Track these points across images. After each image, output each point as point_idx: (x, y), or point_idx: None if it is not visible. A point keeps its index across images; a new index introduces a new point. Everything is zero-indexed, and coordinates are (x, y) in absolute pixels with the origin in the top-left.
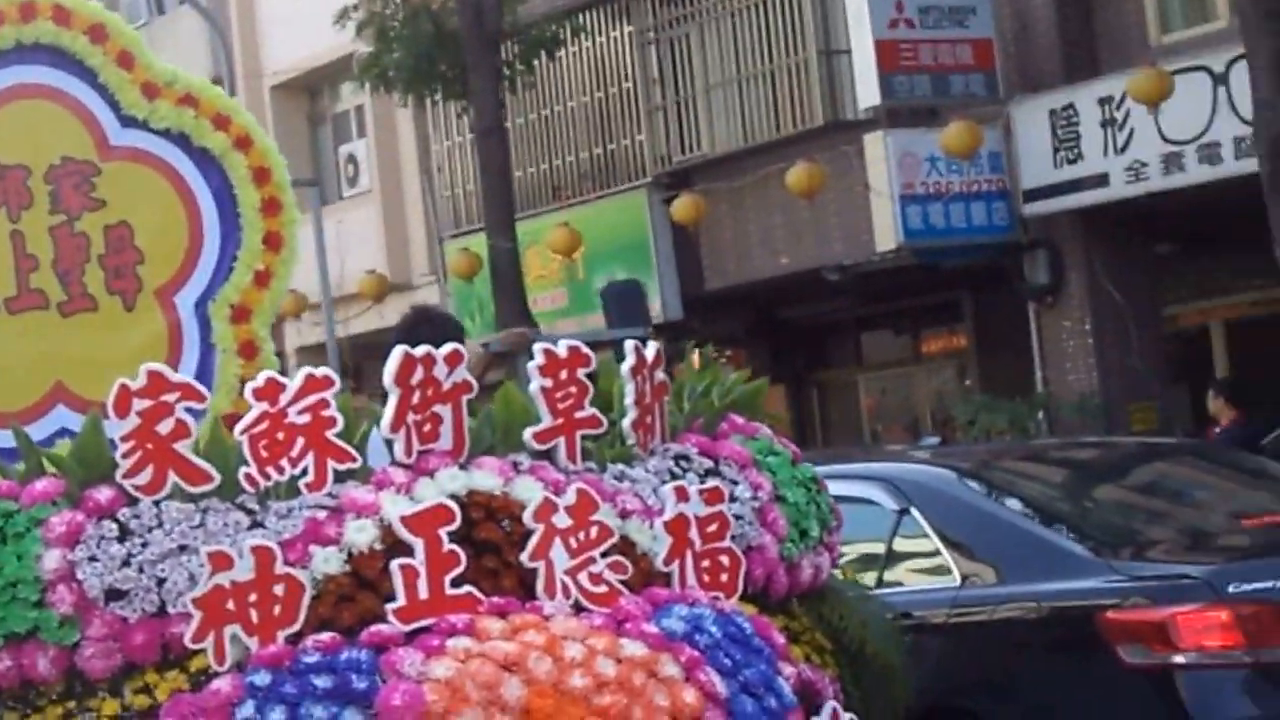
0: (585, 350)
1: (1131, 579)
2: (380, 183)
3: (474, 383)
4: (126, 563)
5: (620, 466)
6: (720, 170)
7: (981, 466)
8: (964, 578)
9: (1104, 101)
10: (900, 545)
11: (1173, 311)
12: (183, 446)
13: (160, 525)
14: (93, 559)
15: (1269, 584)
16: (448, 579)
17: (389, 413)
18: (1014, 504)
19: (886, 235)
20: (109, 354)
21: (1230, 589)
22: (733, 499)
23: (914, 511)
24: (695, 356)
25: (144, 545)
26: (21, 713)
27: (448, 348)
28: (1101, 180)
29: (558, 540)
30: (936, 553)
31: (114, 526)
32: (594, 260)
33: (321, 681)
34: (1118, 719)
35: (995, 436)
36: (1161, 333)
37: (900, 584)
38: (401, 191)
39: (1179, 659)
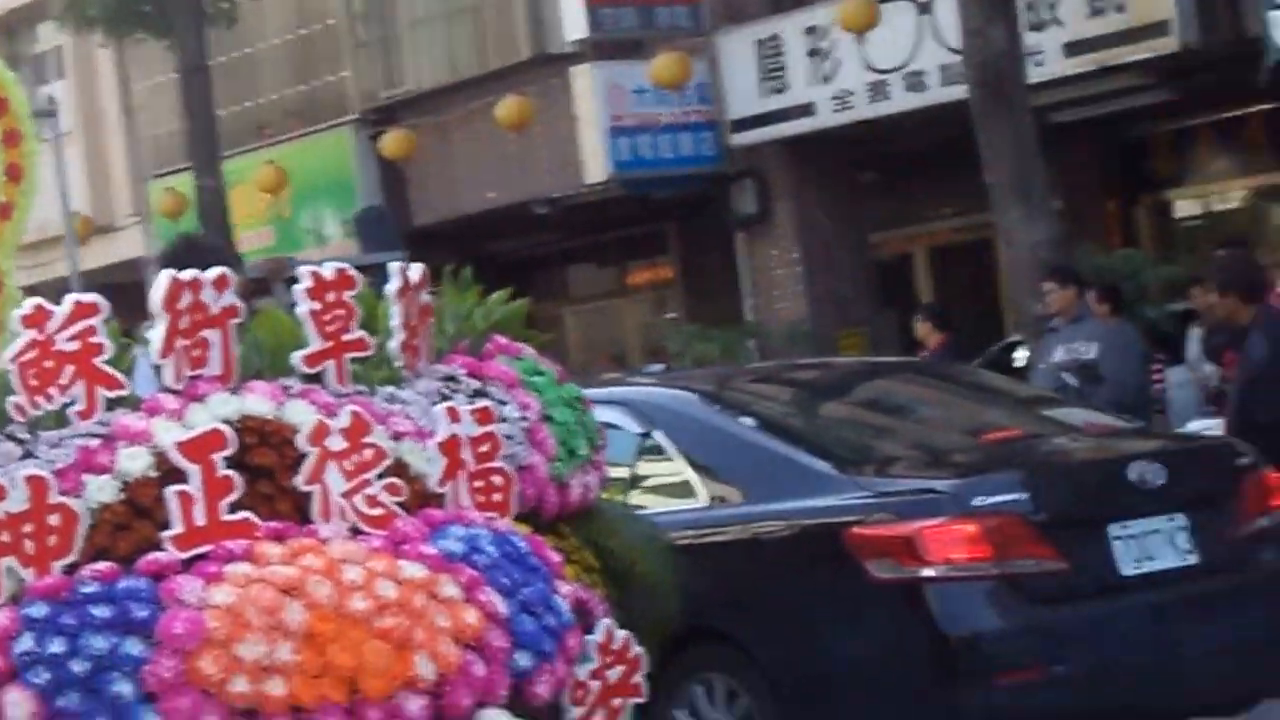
0: (352, 272)
1: (877, 495)
2: (81, 124)
3: (242, 307)
4: None
5: (390, 389)
6: (427, 106)
7: (723, 388)
8: (710, 499)
9: (810, 31)
10: (645, 468)
11: (878, 239)
12: None
13: None
14: None
15: (1012, 496)
16: (224, 505)
17: (158, 338)
18: (757, 424)
19: (595, 167)
20: None
21: (975, 502)
22: (501, 419)
23: (657, 434)
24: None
25: None
26: None
27: (214, 271)
28: (807, 110)
29: (332, 463)
30: (681, 475)
31: None
32: (300, 198)
33: (100, 612)
34: (868, 633)
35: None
36: (868, 260)
37: (646, 507)
38: (103, 133)
39: (927, 572)
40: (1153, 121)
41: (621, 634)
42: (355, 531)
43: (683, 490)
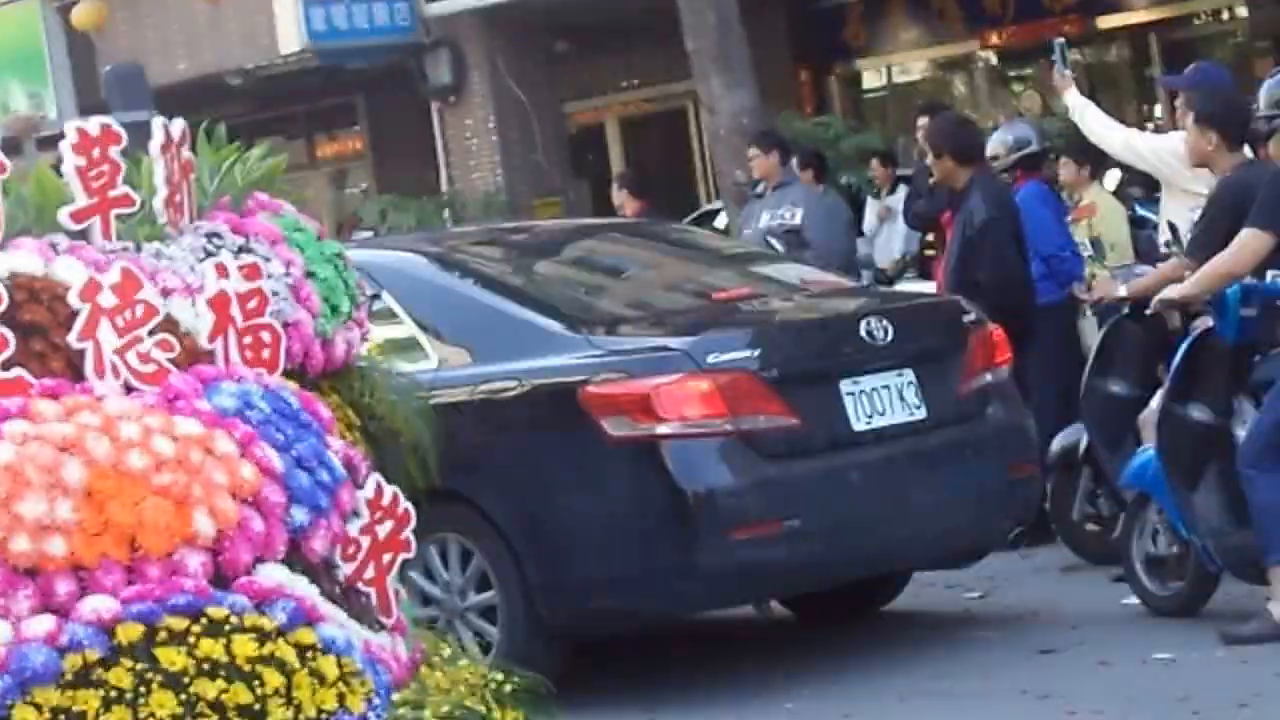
0: (118, 128)
1: (610, 353)
2: None
3: (8, 164)
4: None
5: (155, 245)
6: None
7: (450, 250)
8: (440, 360)
9: None
10: (373, 331)
11: (570, 109)
12: None
13: None
14: None
15: (745, 353)
16: None
17: None
18: (486, 285)
19: (290, 38)
20: None
21: (708, 359)
22: (267, 276)
23: (385, 296)
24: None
25: None
26: None
27: None
28: None
29: (104, 320)
30: (411, 337)
31: None
32: None
33: None
34: (604, 491)
35: None
36: (563, 130)
37: None
38: None
39: (663, 429)
40: None
41: (390, 489)
42: (128, 389)
43: (412, 352)
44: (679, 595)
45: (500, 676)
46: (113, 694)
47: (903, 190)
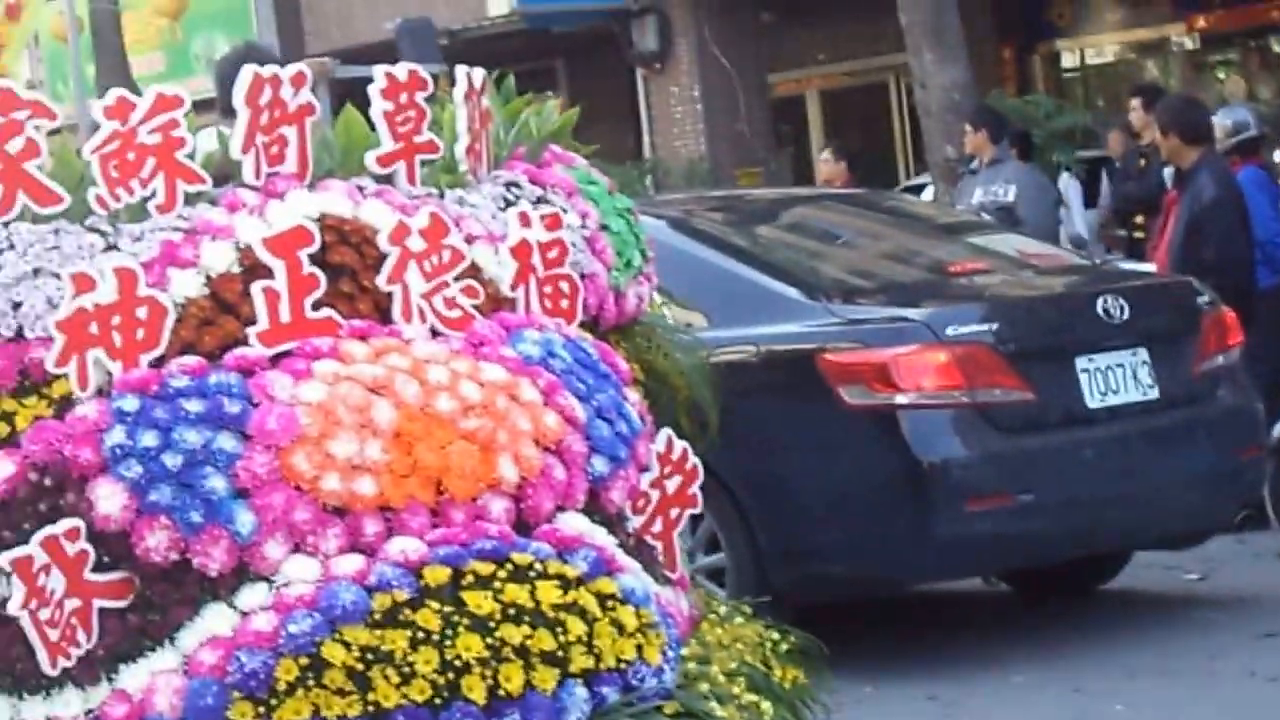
0: (425, 74)
1: (848, 322)
2: None
3: (318, 105)
4: None
5: (458, 192)
6: None
7: (688, 215)
8: (676, 324)
9: None
10: None
11: (774, 80)
12: (32, 166)
13: (12, 248)
14: None
15: (982, 326)
16: (308, 302)
17: (239, 133)
18: (724, 251)
19: (499, 0)
20: None
21: (948, 331)
22: (565, 226)
23: None
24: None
25: None
26: None
27: (294, 67)
28: None
29: (412, 263)
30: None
31: None
32: (192, 24)
33: (192, 406)
34: (840, 458)
35: None
36: (766, 100)
37: None
38: None
39: (900, 399)
40: None
41: (680, 444)
42: (433, 333)
43: None
44: (912, 564)
45: (777, 635)
46: (420, 635)
47: (1064, 176)
